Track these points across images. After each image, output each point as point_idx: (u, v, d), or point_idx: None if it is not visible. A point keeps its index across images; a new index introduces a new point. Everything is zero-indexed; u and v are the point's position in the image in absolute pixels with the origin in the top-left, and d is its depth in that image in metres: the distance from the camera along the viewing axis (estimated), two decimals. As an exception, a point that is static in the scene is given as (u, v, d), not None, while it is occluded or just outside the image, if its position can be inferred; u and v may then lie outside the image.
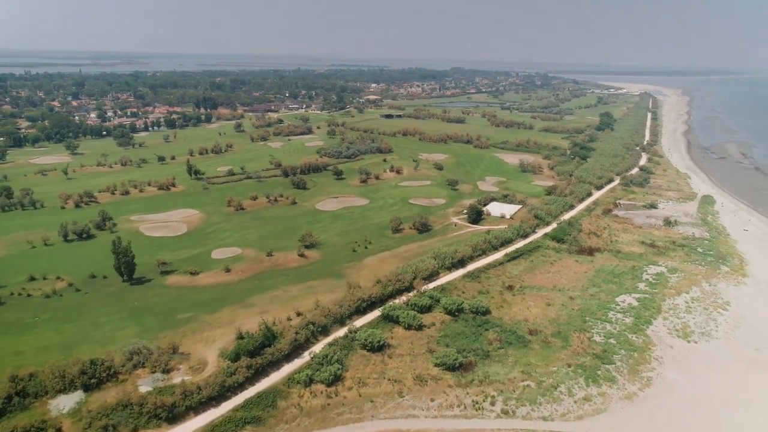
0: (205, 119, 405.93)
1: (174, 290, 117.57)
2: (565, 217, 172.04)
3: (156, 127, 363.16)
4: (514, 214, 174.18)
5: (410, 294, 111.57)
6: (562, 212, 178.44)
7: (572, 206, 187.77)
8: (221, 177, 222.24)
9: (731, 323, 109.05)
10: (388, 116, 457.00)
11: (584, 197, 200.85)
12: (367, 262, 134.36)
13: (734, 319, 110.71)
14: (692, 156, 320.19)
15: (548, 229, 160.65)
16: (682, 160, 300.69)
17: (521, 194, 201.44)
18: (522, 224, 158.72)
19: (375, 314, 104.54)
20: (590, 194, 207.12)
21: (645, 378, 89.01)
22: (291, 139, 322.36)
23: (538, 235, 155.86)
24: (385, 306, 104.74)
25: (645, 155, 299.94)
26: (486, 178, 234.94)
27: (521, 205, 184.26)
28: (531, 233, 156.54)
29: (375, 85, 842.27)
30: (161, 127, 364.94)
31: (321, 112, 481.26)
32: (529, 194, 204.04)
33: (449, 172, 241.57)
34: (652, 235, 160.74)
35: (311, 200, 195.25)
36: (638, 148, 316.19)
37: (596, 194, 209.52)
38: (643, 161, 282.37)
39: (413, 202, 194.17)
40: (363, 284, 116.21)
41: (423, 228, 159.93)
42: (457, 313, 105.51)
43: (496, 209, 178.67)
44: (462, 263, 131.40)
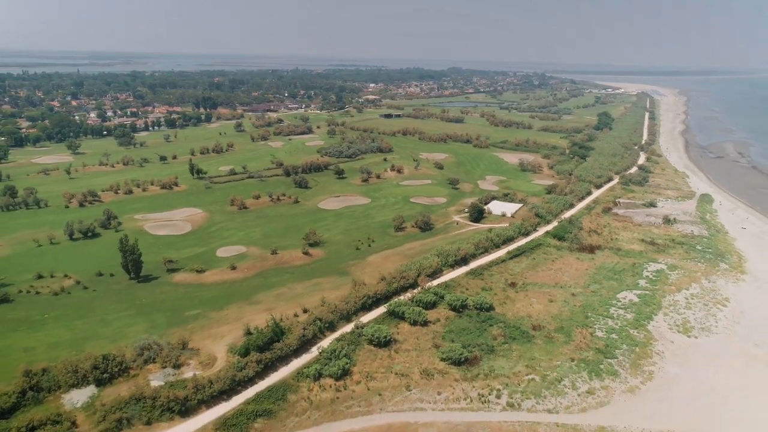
0: (205, 119, 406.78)
1: (181, 288, 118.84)
2: (566, 216, 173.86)
3: (156, 127, 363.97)
4: (515, 213, 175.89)
5: (415, 291, 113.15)
6: (563, 211, 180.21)
7: (572, 205, 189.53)
8: (223, 176, 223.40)
9: (730, 319, 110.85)
10: (388, 116, 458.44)
11: (584, 196, 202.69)
12: (371, 260, 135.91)
13: (733, 315, 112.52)
14: (690, 155, 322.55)
15: (549, 227, 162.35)
16: (680, 159, 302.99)
17: (522, 193, 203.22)
18: (523, 222, 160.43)
19: (380, 310, 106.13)
20: (590, 193, 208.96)
21: (647, 372, 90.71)
22: (291, 139, 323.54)
23: (540, 233, 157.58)
24: (391, 302, 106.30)
25: (643, 154, 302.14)
26: (486, 177, 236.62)
27: (522, 204, 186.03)
28: (532, 231, 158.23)
29: (373, 85, 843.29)
30: (161, 127, 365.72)
31: (320, 112, 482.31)
32: (530, 193, 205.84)
33: (450, 172, 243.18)
34: (652, 233, 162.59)
35: (313, 199, 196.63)
36: (636, 148, 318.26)
37: (596, 193, 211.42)
38: (642, 160, 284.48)
39: (415, 201, 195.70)
40: (367, 281, 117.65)
41: (425, 226, 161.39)
42: (461, 310, 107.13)
43: (497, 208, 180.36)
44: (465, 261, 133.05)
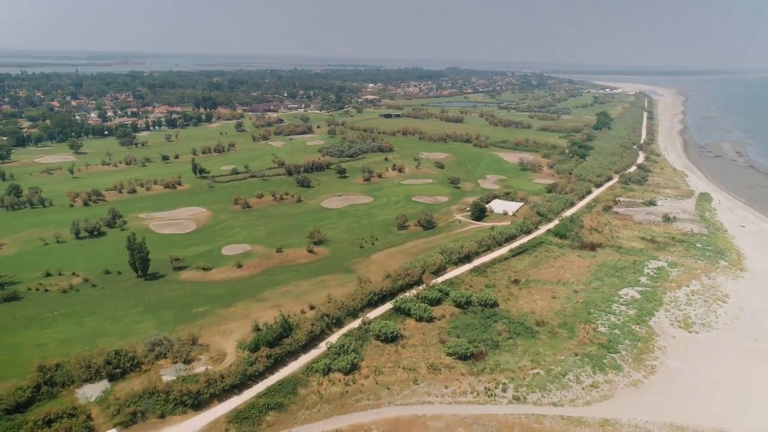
0: (206, 119, 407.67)
1: (188, 285, 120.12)
2: (567, 214, 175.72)
3: (157, 127, 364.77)
4: (517, 211, 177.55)
5: (420, 287, 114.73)
6: (564, 209, 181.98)
7: (573, 203, 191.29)
8: (226, 175, 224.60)
9: (730, 315, 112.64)
10: (387, 116, 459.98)
11: (584, 195, 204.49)
12: (375, 258, 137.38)
13: (733, 311, 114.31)
14: (688, 154, 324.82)
15: (550, 226, 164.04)
16: (679, 159, 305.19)
17: (522, 192, 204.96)
18: (525, 221, 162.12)
19: (386, 307, 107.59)
20: (590, 192, 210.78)
21: (649, 366, 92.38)
22: (292, 139, 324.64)
23: (541, 232, 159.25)
24: (397, 299, 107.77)
25: (642, 154, 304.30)
26: (487, 177, 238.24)
27: (523, 203, 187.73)
28: (534, 229, 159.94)
29: (372, 85, 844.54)
30: (162, 127, 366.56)
31: (320, 112, 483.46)
32: (530, 192, 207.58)
33: (450, 171, 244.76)
34: (652, 231, 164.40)
35: (316, 198, 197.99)
36: (635, 147, 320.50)
37: (596, 192, 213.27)
38: (641, 159, 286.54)
39: (416, 200, 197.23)
40: (372, 279, 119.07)
41: (428, 225, 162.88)
42: (466, 306, 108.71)
43: (499, 206, 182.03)
44: (468, 258, 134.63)
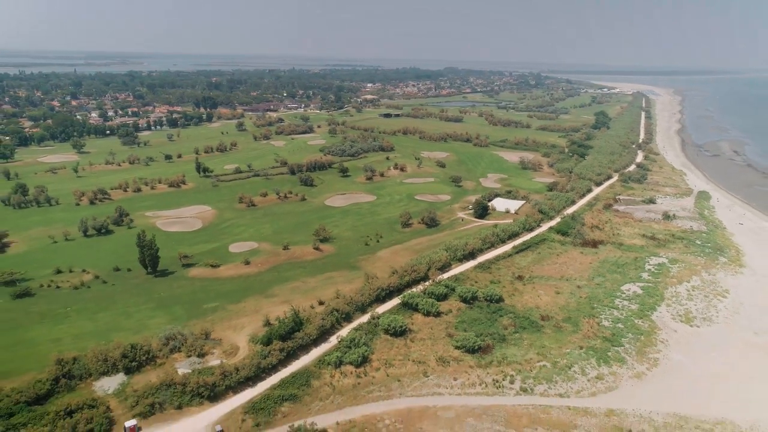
0: (206, 118, 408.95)
1: (197, 282, 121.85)
2: (568, 212, 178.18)
3: (158, 126, 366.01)
4: (519, 209, 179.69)
5: (426, 283, 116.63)
6: (565, 207, 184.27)
7: (574, 201, 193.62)
8: (229, 174, 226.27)
9: (731, 309, 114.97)
10: (387, 115, 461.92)
11: (585, 193, 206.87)
12: (380, 255, 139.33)
13: (733, 306, 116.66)
14: (686, 154, 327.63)
15: (552, 223, 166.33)
16: (677, 158, 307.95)
17: (524, 190, 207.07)
18: (527, 218, 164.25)
19: (394, 302, 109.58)
20: (590, 190, 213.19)
21: (652, 359, 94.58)
22: (294, 138, 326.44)
23: (543, 229, 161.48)
24: (404, 294, 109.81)
25: (641, 153, 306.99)
26: (488, 175, 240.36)
27: (525, 201, 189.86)
28: (536, 227, 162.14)
29: (371, 85, 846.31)
30: (163, 126, 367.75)
31: (320, 112, 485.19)
32: (531, 190, 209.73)
33: (451, 170, 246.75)
34: (652, 229, 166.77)
35: (320, 197, 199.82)
36: (634, 146, 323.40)
37: (596, 190, 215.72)
38: (640, 158, 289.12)
39: (419, 198, 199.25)
40: (379, 275, 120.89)
41: (431, 223, 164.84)
42: (472, 301, 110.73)
43: (501, 204, 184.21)
44: (472, 255, 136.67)
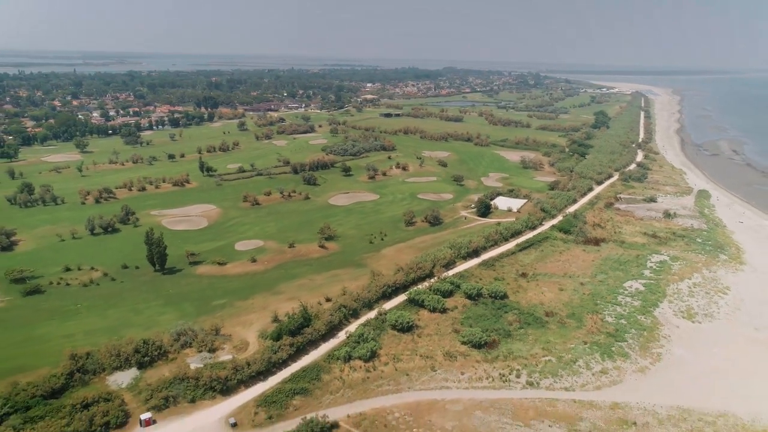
0: (208, 118, 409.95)
1: (205, 279, 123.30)
2: (570, 210, 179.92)
3: (160, 126, 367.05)
4: (521, 208, 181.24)
5: (432, 280, 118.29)
6: (567, 206, 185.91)
7: (575, 200, 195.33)
8: (232, 174, 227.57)
9: (731, 306, 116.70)
10: (388, 115, 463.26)
11: (586, 192, 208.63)
12: (385, 253, 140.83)
13: (734, 302, 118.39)
14: (686, 153, 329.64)
15: (554, 222, 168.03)
16: (677, 157, 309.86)
17: (525, 189, 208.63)
18: (529, 217, 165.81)
19: (400, 299, 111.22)
20: (591, 189, 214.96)
21: (655, 353, 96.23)
22: (296, 138, 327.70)
23: (546, 227, 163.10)
24: (410, 291, 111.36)
25: (641, 152, 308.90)
26: (489, 174, 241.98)
27: (527, 200, 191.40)
28: (539, 225, 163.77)
29: (370, 85, 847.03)
30: (165, 126, 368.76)
31: (321, 111, 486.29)
32: (533, 189, 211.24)
33: (453, 169, 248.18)
34: (653, 227, 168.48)
35: (323, 196, 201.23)
36: (634, 146, 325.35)
37: (597, 189, 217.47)
38: (640, 158, 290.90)
39: (422, 197, 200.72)
40: (384, 272, 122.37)
41: (435, 221, 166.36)
42: (477, 298, 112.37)
43: (503, 203, 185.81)
44: (476, 253, 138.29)
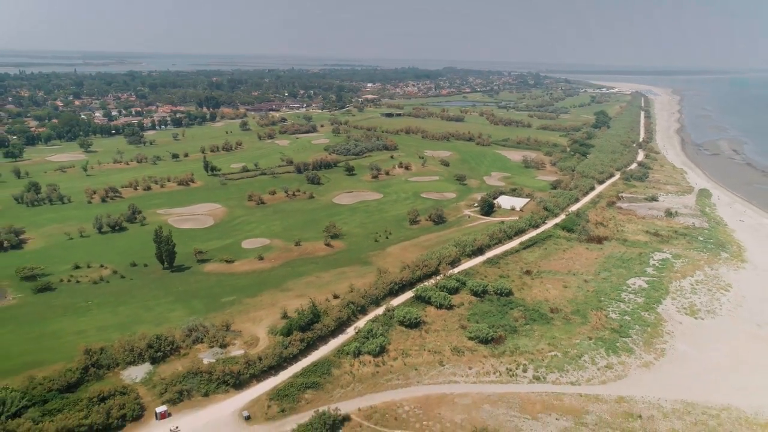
0: (210, 118, 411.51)
1: (213, 277, 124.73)
2: (572, 209, 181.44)
3: (163, 126, 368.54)
4: (524, 207, 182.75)
5: (438, 278, 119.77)
6: (569, 204, 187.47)
7: (578, 199, 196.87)
8: (237, 173, 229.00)
9: (734, 303, 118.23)
10: (389, 115, 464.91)
11: (588, 191, 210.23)
12: (390, 251, 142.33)
13: (736, 299, 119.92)
14: (686, 152, 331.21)
15: (557, 220, 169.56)
16: (677, 157, 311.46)
17: (528, 188, 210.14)
18: (533, 215, 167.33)
19: (407, 296, 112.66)
20: (593, 188, 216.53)
21: (659, 349, 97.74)
22: (298, 137, 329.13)
23: (549, 226, 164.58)
24: (417, 288, 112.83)
25: (642, 152, 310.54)
26: (492, 174, 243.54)
27: (529, 199, 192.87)
28: (542, 224, 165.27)
29: (371, 85, 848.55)
30: (168, 126, 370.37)
31: (322, 111, 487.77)
32: (535, 188, 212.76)
33: (455, 168, 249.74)
34: (655, 225, 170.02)
35: (327, 195, 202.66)
36: (635, 145, 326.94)
37: (599, 188, 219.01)
38: (641, 157, 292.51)
39: (425, 196, 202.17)
40: (390, 270, 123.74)
41: (438, 219, 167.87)
42: (483, 295, 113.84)
43: (506, 202, 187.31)
44: (481, 251, 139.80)
